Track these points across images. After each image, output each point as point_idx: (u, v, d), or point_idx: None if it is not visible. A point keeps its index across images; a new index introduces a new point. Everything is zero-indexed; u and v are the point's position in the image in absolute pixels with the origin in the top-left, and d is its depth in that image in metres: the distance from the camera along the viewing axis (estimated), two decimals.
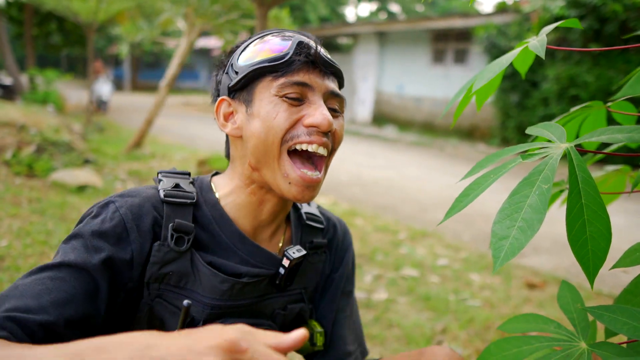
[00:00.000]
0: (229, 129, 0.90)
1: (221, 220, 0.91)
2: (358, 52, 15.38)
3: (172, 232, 0.84)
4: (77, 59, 29.76)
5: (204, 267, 0.87)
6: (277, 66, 0.84)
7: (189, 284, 0.87)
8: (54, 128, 6.23)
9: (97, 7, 9.44)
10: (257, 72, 0.85)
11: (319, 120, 0.83)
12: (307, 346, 1.03)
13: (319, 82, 0.86)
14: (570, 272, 3.56)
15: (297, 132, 0.84)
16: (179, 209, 0.88)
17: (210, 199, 0.92)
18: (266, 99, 0.85)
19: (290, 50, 0.84)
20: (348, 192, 5.95)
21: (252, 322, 0.93)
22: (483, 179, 0.63)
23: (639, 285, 0.67)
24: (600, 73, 8.23)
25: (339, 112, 0.91)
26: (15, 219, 3.53)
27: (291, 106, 0.84)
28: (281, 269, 0.94)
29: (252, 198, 0.92)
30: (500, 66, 0.74)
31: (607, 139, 0.59)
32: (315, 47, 0.86)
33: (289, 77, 0.84)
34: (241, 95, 0.89)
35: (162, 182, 0.92)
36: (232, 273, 0.90)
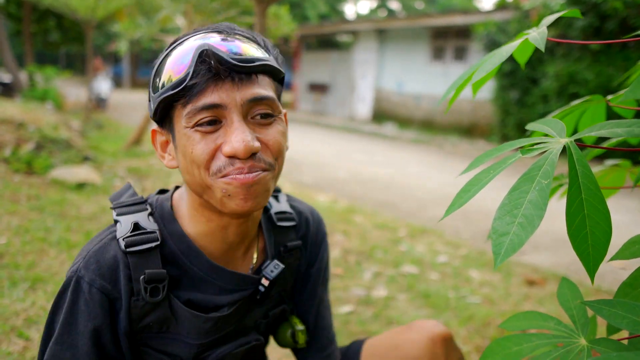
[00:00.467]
0: (166, 160, 0.85)
1: (190, 253, 0.86)
2: (357, 50, 15.35)
3: (144, 285, 0.79)
4: (76, 56, 29.71)
5: (184, 311, 0.84)
6: (179, 93, 0.74)
7: (171, 328, 0.85)
8: (53, 125, 6.22)
9: (96, 3, 9.42)
10: (165, 103, 0.77)
11: (234, 147, 0.73)
12: (290, 344, 1.04)
13: (232, 94, 0.74)
14: (570, 269, 3.57)
15: (220, 164, 0.75)
16: (145, 255, 0.81)
17: (174, 231, 0.86)
18: (181, 130, 0.77)
19: (190, 69, 0.73)
20: (347, 189, 5.95)
21: (240, 342, 0.93)
22: (483, 174, 0.62)
23: (638, 278, 0.67)
24: (600, 70, 8.22)
25: (272, 116, 0.79)
26: (14, 216, 3.53)
27: (205, 134, 0.75)
28: (261, 287, 0.92)
29: (213, 225, 0.86)
30: (500, 58, 0.74)
31: (607, 133, 0.59)
32: (217, 56, 0.72)
33: (194, 103, 0.74)
34: (165, 125, 0.82)
35: (119, 224, 0.83)
36: (213, 306, 0.87)
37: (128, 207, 0.87)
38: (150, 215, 0.87)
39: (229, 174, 0.75)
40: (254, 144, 0.74)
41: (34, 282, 2.60)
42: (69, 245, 3.17)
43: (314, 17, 24.61)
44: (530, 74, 9.41)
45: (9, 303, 2.35)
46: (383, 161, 8.32)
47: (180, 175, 0.91)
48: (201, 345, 0.87)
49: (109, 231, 0.85)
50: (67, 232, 3.40)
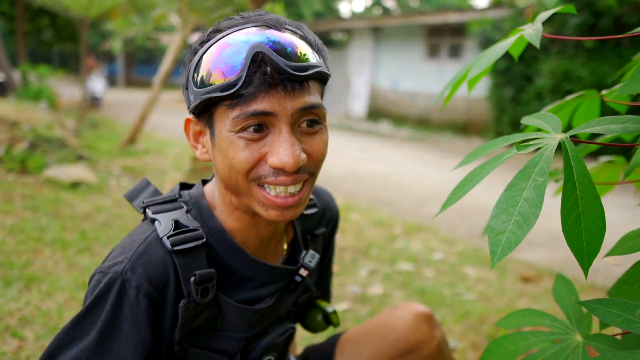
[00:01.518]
0: (199, 152, 0.83)
1: (231, 250, 0.85)
2: (353, 48, 15.35)
3: (195, 287, 0.77)
4: (70, 55, 29.54)
5: (231, 306, 0.83)
6: (228, 96, 0.71)
7: (219, 325, 0.85)
8: (47, 124, 6.19)
9: (90, 2, 9.36)
10: (211, 100, 0.73)
11: (283, 161, 0.71)
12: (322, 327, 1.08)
13: (284, 104, 0.71)
14: (565, 265, 3.58)
15: (262, 172, 0.74)
16: (191, 254, 0.78)
17: (214, 227, 0.84)
18: (224, 132, 0.74)
19: (243, 73, 0.69)
20: (343, 186, 5.95)
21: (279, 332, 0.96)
22: (478, 170, 0.62)
23: (633, 275, 0.67)
24: (594, 68, 8.25)
25: (317, 125, 0.77)
26: (8, 215, 3.51)
27: (250, 142, 0.73)
28: (298, 277, 0.94)
29: (244, 222, 0.85)
30: (495, 55, 0.74)
31: (601, 129, 0.59)
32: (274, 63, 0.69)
33: (244, 108, 0.70)
34: (204, 117, 0.79)
35: (158, 223, 0.80)
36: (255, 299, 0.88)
37: (162, 204, 0.84)
38: (188, 212, 0.85)
39: (270, 184, 0.74)
40: (302, 157, 0.73)
41: (28, 281, 2.59)
42: (63, 244, 3.16)
43: (309, 15, 24.56)
44: (525, 72, 9.44)
45: (3, 303, 2.34)
46: (378, 159, 8.33)
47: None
48: (248, 338, 0.88)
49: (150, 229, 0.80)
50: (61, 231, 3.39)
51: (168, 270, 0.77)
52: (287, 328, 0.97)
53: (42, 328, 2.19)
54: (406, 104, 13.87)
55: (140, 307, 0.74)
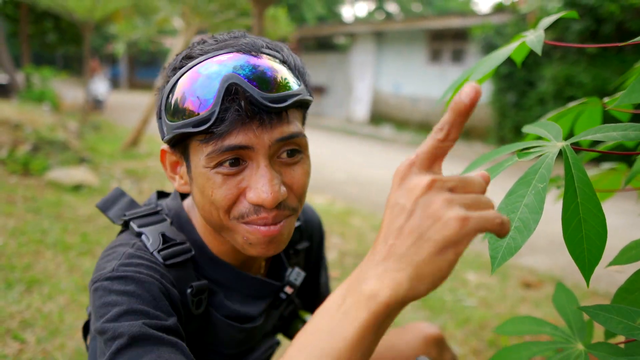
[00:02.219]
0: (177, 184, 0.79)
1: (212, 263, 0.83)
2: (355, 52, 15.38)
3: (192, 299, 0.76)
4: (73, 57, 29.64)
5: (220, 321, 0.82)
6: (202, 132, 0.67)
7: (207, 338, 0.84)
8: (50, 126, 6.21)
9: (94, 5, 9.41)
10: (183, 135, 0.69)
11: (261, 197, 0.67)
12: None
13: (260, 136, 0.67)
14: (566, 271, 3.57)
15: (243, 210, 0.70)
16: (182, 268, 0.77)
17: (195, 241, 0.83)
18: (199, 167, 0.70)
19: (216, 108, 0.65)
20: (345, 191, 5.95)
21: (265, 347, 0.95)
22: None
23: (634, 283, 0.67)
24: (597, 73, 8.26)
25: (298, 154, 0.73)
26: (10, 217, 3.51)
27: (227, 177, 0.69)
28: (282, 294, 0.92)
29: (225, 248, 0.83)
30: (497, 60, 0.74)
31: (602, 137, 0.59)
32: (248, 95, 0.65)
33: (218, 143, 0.66)
34: (179, 149, 0.75)
35: (146, 237, 0.77)
36: (244, 316, 0.86)
37: (146, 217, 0.82)
38: (171, 224, 0.83)
39: (252, 222, 0.71)
40: (281, 192, 0.69)
41: (29, 284, 2.59)
42: (65, 247, 3.16)
43: (311, 19, 24.63)
44: (527, 77, 9.44)
45: (4, 305, 2.34)
46: (380, 163, 8.33)
47: None
48: (233, 356, 0.87)
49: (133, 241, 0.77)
50: (63, 233, 3.39)
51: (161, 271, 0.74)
52: (272, 343, 0.97)
53: (43, 331, 2.19)
54: (408, 109, 13.88)
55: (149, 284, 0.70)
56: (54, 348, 2.09)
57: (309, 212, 1.09)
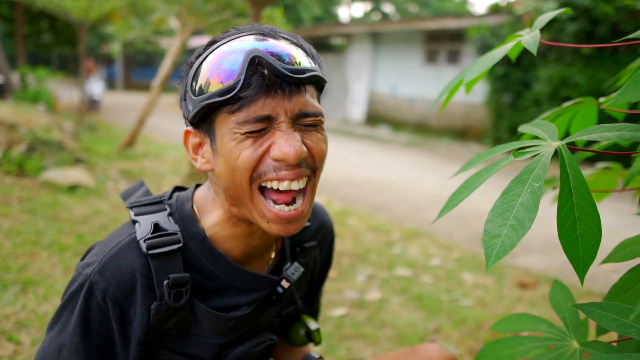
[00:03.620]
0: (199, 163, 0.83)
1: (211, 256, 0.85)
2: (351, 53, 15.39)
3: (168, 290, 0.78)
4: (69, 57, 29.53)
5: (205, 312, 0.83)
6: (229, 100, 0.72)
7: (192, 330, 0.85)
8: (45, 127, 6.18)
9: (89, 5, 9.38)
10: (210, 107, 0.74)
11: (284, 152, 0.72)
12: (303, 342, 1.05)
13: (284, 106, 0.73)
14: (561, 271, 3.59)
15: (265, 168, 0.74)
16: (167, 258, 0.79)
17: (196, 234, 0.85)
18: (227, 135, 0.74)
19: (242, 77, 0.70)
20: (341, 191, 5.95)
21: (257, 342, 0.94)
22: (475, 177, 0.63)
23: (628, 281, 0.67)
24: (592, 74, 8.30)
25: (315, 125, 0.78)
26: (5, 218, 3.50)
27: (255, 140, 0.73)
28: (279, 288, 0.92)
29: (239, 230, 0.85)
30: (493, 60, 0.74)
31: (597, 137, 0.60)
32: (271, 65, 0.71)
33: (246, 112, 0.71)
34: (203, 127, 0.79)
35: (138, 225, 0.81)
36: (232, 306, 0.87)
37: (146, 206, 0.85)
38: (170, 215, 0.85)
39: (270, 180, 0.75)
40: (303, 149, 0.73)
41: (24, 285, 2.58)
42: (60, 248, 3.15)
43: (308, 20, 24.64)
44: (523, 78, 9.48)
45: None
46: (377, 164, 8.34)
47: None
48: (221, 345, 0.87)
49: (127, 233, 0.82)
50: (58, 234, 3.38)
51: (136, 276, 0.78)
52: (265, 339, 0.95)
53: (38, 332, 2.18)
54: (405, 109, 13.90)
55: (107, 308, 0.78)
56: None
57: (322, 215, 1.10)
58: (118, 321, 0.79)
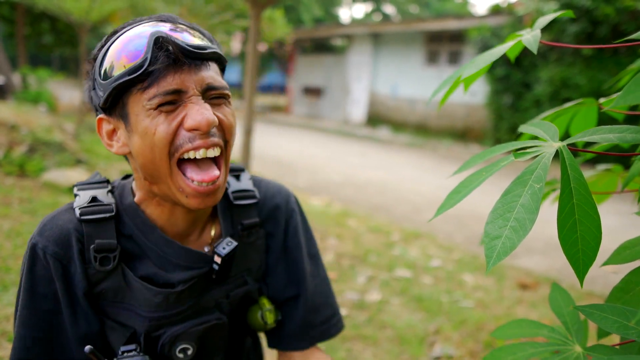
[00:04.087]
0: (115, 148, 0.85)
1: (144, 227, 0.88)
2: (352, 53, 15.40)
3: (94, 255, 0.83)
4: (70, 58, 29.57)
5: (135, 282, 0.86)
6: (138, 78, 0.75)
7: (126, 299, 0.87)
8: (46, 128, 6.18)
9: (90, 6, 9.39)
10: (120, 88, 0.77)
11: (197, 121, 0.76)
12: (260, 325, 1.02)
13: (191, 80, 0.78)
14: (562, 272, 3.58)
15: (180, 141, 0.78)
16: (99, 225, 0.84)
17: (129, 205, 0.89)
18: (141, 113, 0.77)
19: (148, 54, 0.74)
20: (341, 192, 5.95)
21: (199, 321, 0.92)
22: (475, 176, 0.62)
23: (629, 283, 0.67)
24: (592, 75, 8.29)
25: (223, 99, 0.83)
26: (5, 219, 3.50)
27: (168, 114, 0.77)
28: (214, 265, 0.92)
29: (161, 210, 0.89)
30: (492, 57, 0.74)
31: (599, 138, 0.59)
32: (174, 42, 0.75)
33: (156, 88, 0.75)
34: (116, 111, 0.81)
35: (78, 197, 0.88)
36: (165, 282, 0.88)
37: (90, 184, 0.92)
38: (110, 192, 0.91)
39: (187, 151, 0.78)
40: (214, 117, 0.78)
41: None
42: None
43: (308, 21, 24.65)
44: (523, 79, 9.47)
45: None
46: (377, 165, 8.33)
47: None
48: (152, 319, 0.87)
49: (67, 204, 0.89)
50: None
51: (70, 233, 0.83)
52: (211, 318, 0.93)
53: None
54: (405, 110, 13.90)
55: (50, 266, 0.82)
56: None
57: (271, 190, 1.05)
58: (61, 278, 0.82)
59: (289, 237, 1.05)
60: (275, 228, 1.04)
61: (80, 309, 0.84)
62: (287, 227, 1.05)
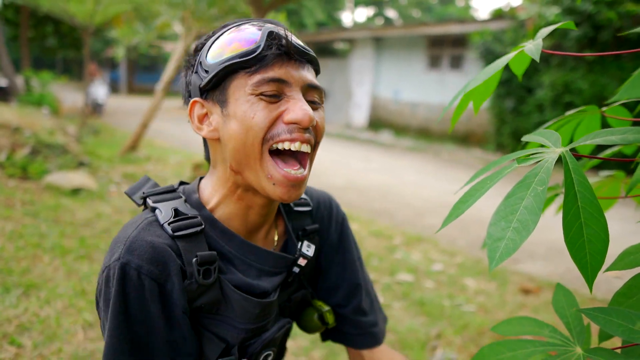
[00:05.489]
0: (204, 131, 0.85)
1: (224, 236, 0.87)
2: (354, 57, 15.42)
3: (197, 268, 0.80)
4: (73, 61, 29.69)
5: (234, 293, 0.84)
6: (248, 61, 0.78)
7: (221, 310, 0.86)
8: (49, 130, 6.21)
9: (94, 9, 9.43)
10: (228, 69, 0.79)
11: (299, 116, 0.78)
12: (318, 327, 1.05)
13: (296, 75, 0.80)
14: (564, 278, 3.57)
15: (278, 131, 0.79)
16: (192, 239, 0.82)
17: (207, 217, 0.87)
18: (242, 98, 0.79)
19: (262, 43, 0.78)
20: (344, 196, 5.95)
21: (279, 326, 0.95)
22: (480, 185, 0.63)
23: (632, 288, 0.67)
24: (595, 80, 8.29)
25: (318, 104, 0.85)
26: (8, 221, 3.50)
27: (269, 104, 0.79)
28: (296, 268, 0.94)
29: (240, 204, 0.87)
30: (496, 69, 0.74)
31: (601, 141, 0.59)
32: (287, 37, 0.79)
33: (263, 74, 0.78)
34: (214, 95, 0.83)
35: (159, 211, 0.84)
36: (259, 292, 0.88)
37: (162, 194, 0.88)
38: (185, 202, 0.88)
39: (284, 141, 0.79)
40: (314, 115, 0.80)
41: (27, 288, 2.58)
42: (63, 251, 3.15)
43: (311, 25, 24.71)
44: (526, 83, 9.47)
45: (1, 309, 2.33)
46: (379, 169, 8.33)
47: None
48: (248, 331, 0.88)
49: (143, 218, 0.83)
50: (61, 237, 3.39)
51: (166, 249, 0.79)
52: (284, 322, 0.97)
53: (40, 335, 2.18)
54: (407, 114, 13.91)
55: (144, 287, 0.76)
56: (51, 353, 2.08)
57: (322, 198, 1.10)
58: (158, 299, 0.77)
59: (342, 242, 1.11)
60: (328, 234, 1.09)
61: (178, 328, 0.80)
62: (341, 233, 1.11)
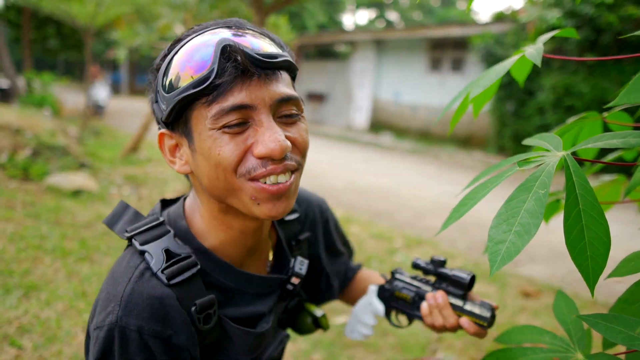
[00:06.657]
0: (177, 166, 0.78)
1: (218, 268, 0.82)
2: (355, 60, 15.44)
3: (197, 316, 0.75)
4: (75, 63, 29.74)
5: (234, 329, 0.81)
6: (202, 92, 0.69)
7: (222, 344, 0.83)
8: (50, 132, 6.21)
9: (96, 11, 9.45)
10: (184, 102, 0.70)
11: (269, 148, 0.69)
12: (312, 329, 1.09)
13: (260, 95, 0.70)
14: (565, 281, 3.56)
15: (250, 165, 0.71)
16: (189, 284, 0.76)
17: (198, 249, 0.81)
18: (204, 132, 0.71)
19: (215, 65, 0.68)
20: (344, 198, 5.94)
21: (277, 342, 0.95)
22: (480, 188, 0.63)
23: (634, 294, 0.67)
24: (596, 83, 8.29)
25: (296, 115, 0.75)
26: (9, 222, 3.51)
27: (234, 136, 0.70)
28: (289, 285, 0.92)
29: (233, 231, 0.82)
30: (497, 74, 0.74)
31: (603, 144, 0.59)
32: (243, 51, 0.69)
33: (221, 103, 0.68)
34: (179, 127, 0.75)
35: (149, 255, 0.76)
36: (256, 316, 0.87)
37: (149, 231, 0.80)
38: (175, 236, 0.81)
39: (259, 177, 0.72)
40: (287, 143, 0.70)
41: (28, 289, 2.58)
42: (63, 252, 3.15)
43: (312, 27, 24.74)
44: (527, 86, 9.47)
45: (2, 311, 2.33)
46: (380, 171, 8.33)
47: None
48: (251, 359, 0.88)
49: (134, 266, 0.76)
50: (62, 239, 3.39)
51: (165, 302, 0.73)
52: (282, 337, 0.97)
53: (41, 337, 2.18)
54: (408, 117, 13.91)
55: (149, 348, 0.71)
56: (51, 355, 2.08)
57: (307, 200, 1.09)
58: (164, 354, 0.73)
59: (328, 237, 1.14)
60: (317, 238, 1.11)
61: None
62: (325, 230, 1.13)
